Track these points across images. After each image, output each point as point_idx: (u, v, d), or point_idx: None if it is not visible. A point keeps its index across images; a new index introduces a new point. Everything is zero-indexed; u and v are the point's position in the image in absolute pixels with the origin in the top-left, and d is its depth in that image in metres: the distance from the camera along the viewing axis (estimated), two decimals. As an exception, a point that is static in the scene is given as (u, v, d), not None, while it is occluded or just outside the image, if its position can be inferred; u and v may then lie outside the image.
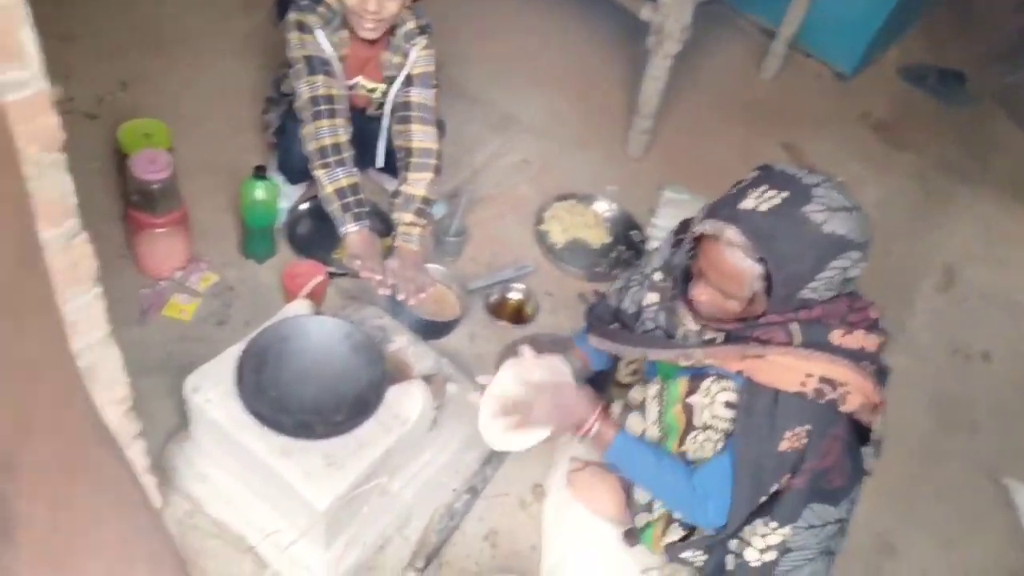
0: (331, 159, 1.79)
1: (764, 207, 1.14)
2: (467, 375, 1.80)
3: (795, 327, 1.20)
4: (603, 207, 2.38)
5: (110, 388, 1.09)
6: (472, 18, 2.97)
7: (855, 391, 1.20)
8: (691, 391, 1.33)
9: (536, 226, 2.29)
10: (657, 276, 1.48)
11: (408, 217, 1.86)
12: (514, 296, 2.10)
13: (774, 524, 1.29)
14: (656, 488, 1.42)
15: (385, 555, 1.56)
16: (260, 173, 1.82)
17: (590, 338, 1.56)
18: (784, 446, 1.21)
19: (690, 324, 1.39)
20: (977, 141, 3.18)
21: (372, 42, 1.85)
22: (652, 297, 1.48)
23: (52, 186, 0.77)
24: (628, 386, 1.58)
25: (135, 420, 1.25)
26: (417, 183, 1.87)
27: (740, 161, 2.34)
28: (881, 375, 1.28)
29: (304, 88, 1.79)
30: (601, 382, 1.70)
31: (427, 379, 1.65)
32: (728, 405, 1.28)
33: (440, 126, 1.99)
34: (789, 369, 1.18)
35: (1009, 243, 2.79)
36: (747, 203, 1.16)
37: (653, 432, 1.41)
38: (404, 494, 1.56)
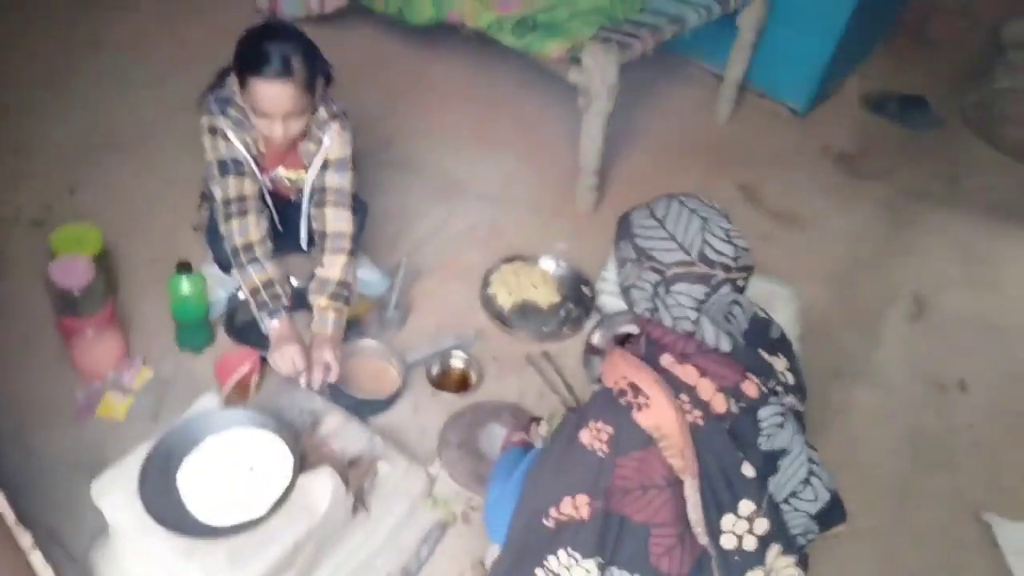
0: (243, 259, 1.82)
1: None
2: (407, 449, 1.77)
3: (643, 341, 1.30)
4: (551, 266, 2.36)
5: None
6: (420, 94, 3.02)
7: (655, 408, 1.20)
8: None
9: (483, 291, 2.28)
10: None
11: (323, 301, 1.86)
12: (457, 364, 2.07)
13: (576, 554, 1.21)
14: None
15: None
16: (185, 268, 1.84)
17: None
18: (586, 437, 1.23)
19: None
20: (946, 163, 3.13)
21: None
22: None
23: None
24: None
25: (24, 532, 1.25)
26: (331, 266, 1.87)
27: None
28: (707, 435, 1.20)
29: (217, 191, 1.83)
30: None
31: (353, 462, 1.62)
32: None
33: (362, 208, 2.00)
34: (614, 367, 1.28)
35: (987, 264, 2.71)
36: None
37: None
38: (331, 584, 1.51)
